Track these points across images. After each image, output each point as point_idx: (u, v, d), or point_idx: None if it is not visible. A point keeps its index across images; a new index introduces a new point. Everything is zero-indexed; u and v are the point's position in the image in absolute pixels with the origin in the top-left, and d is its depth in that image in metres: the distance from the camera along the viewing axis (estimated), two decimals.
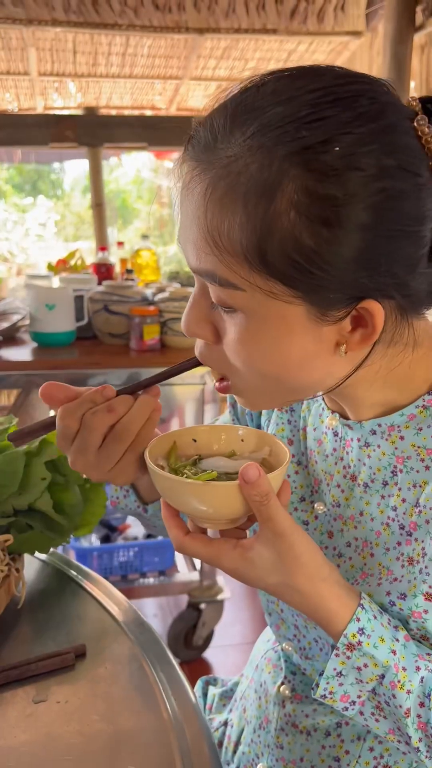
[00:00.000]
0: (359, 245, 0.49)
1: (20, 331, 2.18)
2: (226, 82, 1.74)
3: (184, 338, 2.01)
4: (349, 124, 0.48)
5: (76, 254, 2.73)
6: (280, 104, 0.49)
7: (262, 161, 0.48)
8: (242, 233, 0.49)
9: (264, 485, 0.54)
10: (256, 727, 0.78)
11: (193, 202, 0.51)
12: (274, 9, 2.83)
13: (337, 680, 0.57)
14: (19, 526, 0.85)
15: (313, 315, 0.52)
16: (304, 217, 0.47)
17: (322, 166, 0.47)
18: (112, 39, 2.93)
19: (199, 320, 0.57)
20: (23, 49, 2.97)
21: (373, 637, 0.56)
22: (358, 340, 0.54)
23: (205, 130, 0.52)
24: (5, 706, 0.67)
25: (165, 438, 0.64)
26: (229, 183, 0.49)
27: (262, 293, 0.51)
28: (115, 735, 0.63)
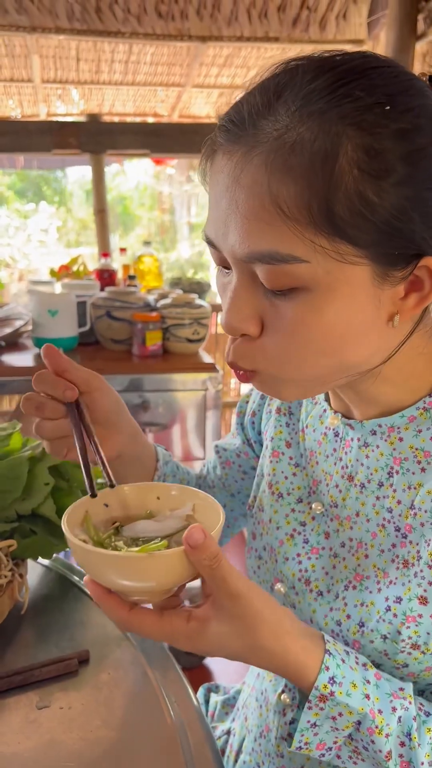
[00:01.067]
0: (414, 195, 0.50)
1: (23, 337, 2.19)
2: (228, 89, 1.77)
3: (187, 344, 2.02)
4: (390, 86, 0.50)
5: (79, 260, 2.74)
6: (320, 76, 0.50)
7: (317, 127, 0.49)
8: (310, 196, 0.49)
9: (212, 546, 0.52)
10: (257, 735, 0.78)
11: (247, 182, 0.51)
12: (276, 17, 2.84)
13: (312, 731, 0.56)
14: (23, 531, 0.85)
15: (376, 275, 0.52)
16: (366, 174, 0.49)
17: (376, 124, 0.48)
18: (115, 46, 2.95)
19: (245, 315, 0.55)
20: (27, 56, 2.98)
21: (345, 684, 0.55)
22: (412, 305, 0.54)
23: (239, 114, 0.52)
24: (9, 712, 0.67)
25: (77, 507, 0.59)
26: (288, 152, 0.49)
27: (327, 258, 0.50)
28: (118, 741, 0.63)
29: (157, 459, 0.81)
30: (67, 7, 2.69)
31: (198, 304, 2.04)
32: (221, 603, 0.53)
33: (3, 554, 0.80)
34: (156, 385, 1.93)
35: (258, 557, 0.76)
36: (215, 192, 0.55)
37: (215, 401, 1.98)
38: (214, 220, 0.55)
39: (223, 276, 0.59)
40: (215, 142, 0.55)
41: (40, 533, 0.85)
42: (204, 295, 2.66)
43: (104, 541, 0.58)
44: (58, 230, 8.96)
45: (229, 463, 0.88)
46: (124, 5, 2.72)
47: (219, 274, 0.60)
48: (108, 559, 0.52)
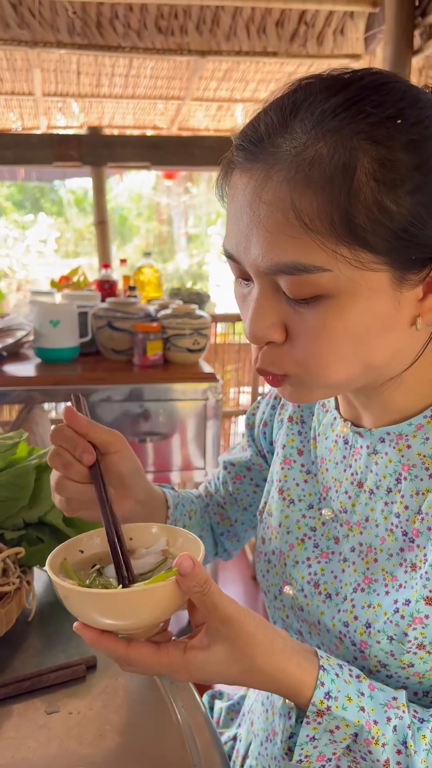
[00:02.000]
0: (429, 201, 0.52)
1: (24, 347, 2.20)
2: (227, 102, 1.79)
3: (187, 354, 2.04)
4: (399, 101, 0.53)
5: (79, 271, 2.76)
6: (333, 95, 0.53)
7: (334, 143, 0.51)
8: (332, 208, 0.51)
9: (202, 573, 0.53)
10: (263, 739, 0.78)
11: (269, 198, 0.53)
12: (275, 32, 2.89)
13: (311, 744, 0.57)
14: (30, 539, 0.86)
15: (395, 279, 0.54)
16: (382, 184, 0.51)
17: (389, 137, 0.51)
18: (116, 60, 2.98)
19: (269, 323, 0.57)
20: (28, 70, 3.02)
21: (340, 698, 0.56)
22: (430, 306, 0.57)
23: (256, 134, 0.55)
24: (18, 718, 0.68)
25: (55, 557, 0.60)
26: (309, 168, 0.51)
27: (348, 266, 0.53)
28: (126, 745, 0.64)
29: (167, 506, 0.82)
30: (68, 22, 2.73)
31: (198, 314, 2.06)
32: (215, 628, 0.55)
33: (11, 561, 0.81)
34: (156, 394, 1.95)
35: (267, 561, 0.77)
36: (235, 208, 0.57)
37: (215, 411, 1.99)
38: (234, 235, 0.57)
39: (242, 287, 0.61)
40: (232, 160, 0.57)
41: (47, 541, 0.86)
42: (203, 305, 2.68)
43: (90, 585, 0.58)
44: (56, 241, 9.00)
45: (240, 477, 0.89)
46: (125, 20, 2.76)
47: (237, 285, 0.62)
48: (102, 598, 0.53)
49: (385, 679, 0.63)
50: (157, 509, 0.81)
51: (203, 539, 0.89)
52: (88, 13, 2.71)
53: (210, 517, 0.92)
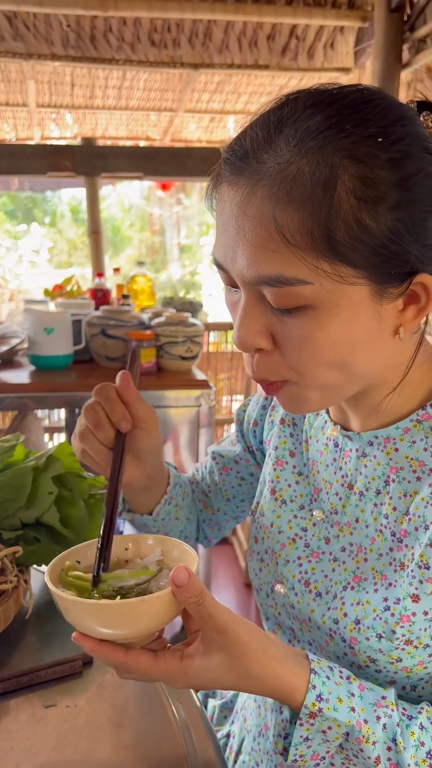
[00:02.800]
0: (408, 218, 0.55)
1: (18, 355, 2.22)
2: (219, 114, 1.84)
3: (180, 362, 2.06)
4: (382, 119, 0.55)
5: (72, 280, 2.78)
6: (317, 113, 0.55)
7: (316, 161, 0.53)
8: (312, 224, 0.53)
9: (197, 584, 0.55)
10: (256, 735, 0.80)
11: (253, 212, 0.55)
12: (266, 45, 2.93)
13: (305, 744, 0.59)
14: (27, 539, 0.88)
15: (375, 293, 0.56)
16: (362, 201, 0.53)
17: (366, 156, 0.53)
18: (109, 73, 3.02)
19: (256, 331, 0.59)
20: (22, 81, 3.05)
21: (332, 700, 0.58)
22: (411, 316, 0.59)
23: (242, 149, 0.57)
24: (17, 711, 0.69)
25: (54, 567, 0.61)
26: (291, 184, 0.53)
27: (329, 280, 0.55)
28: (123, 737, 0.66)
29: (168, 483, 0.85)
30: (63, 35, 2.77)
31: (191, 322, 2.08)
32: (210, 637, 0.56)
33: (8, 561, 0.83)
34: (150, 401, 1.95)
35: (260, 560, 0.79)
36: (222, 220, 0.59)
37: (209, 418, 2.01)
38: (222, 245, 0.59)
39: (231, 294, 0.63)
40: (220, 173, 0.60)
41: (44, 541, 0.88)
42: (196, 314, 2.71)
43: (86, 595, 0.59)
44: (49, 251, 9.02)
45: (227, 468, 0.91)
46: (119, 33, 2.80)
47: (228, 293, 0.64)
48: (100, 608, 0.54)
49: (374, 674, 0.65)
50: (159, 484, 0.84)
51: (190, 522, 0.91)
52: (82, 26, 2.75)
53: (195, 504, 0.94)
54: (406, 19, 2.52)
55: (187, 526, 0.90)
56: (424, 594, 0.62)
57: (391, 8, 2.49)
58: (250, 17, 2.68)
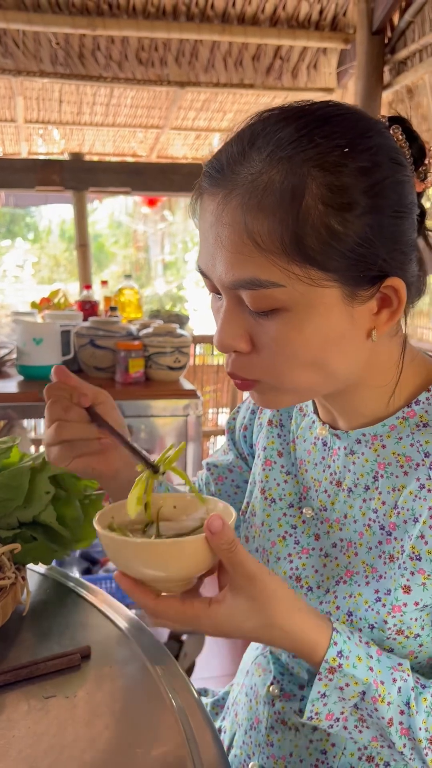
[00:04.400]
0: (375, 224, 0.58)
1: (6, 365, 2.23)
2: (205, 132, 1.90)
3: (168, 372, 2.08)
4: (350, 130, 0.58)
5: (59, 293, 2.80)
6: (288, 125, 0.58)
7: (285, 170, 0.57)
8: (282, 230, 0.56)
9: (229, 533, 0.58)
10: (247, 728, 0.82)
11: (224, 222, 0.59)
12: (251, 65, 3.01)
13: (322, 701, 0.61)
14: (24, 538, 0.89)
15: (346, 295, 0.59)
16: (330, 208, 0.56)
17: (334, 165, 0.57)
18: (97, 90, 3.08)
19: (235, 333, 0.63)
20: (11, 97, 3.09)
21: (351, 657, 0.60)
22: (385, 319, 0.62)
23: (219, 162, 0.61)
24: (17, 702, 0.70)
25: (104, 514, 0.65)
26: (261, 193, 0.57)
27: (301, 283, 0.58)
28: (123, 724, 0.67)
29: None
30: (51, 52, 2.82)
31: (179, 333, 2.11)
32: (239, 585, 0.59)
33: (6, 558, 0.84)
34: (138, 410, 1.99)
35: None
36: (203, 229, 0.63)
37: (196, 427, 2.03)
38: (204, 253, 0.63)
39: (216, 301, 0.67)
40: (201, 186, 0.63)
41: (41, 540, 0.89)
42: (183, 326, 2.74)
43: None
44: (33, 266, 9.03)
45: (222, 478, 0.94)
46: (106, 51, 2.85)
47: (213, 300, 0.68)
48: (137, 547, 0.58)
49: None
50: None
51: None
52: (70, 44, 2.80)
53: None
54: (387, 42, 2.60)
55: None
56: (415, 585, 0.64)
57: (372, 31, 2.57)
58: (235, 38, 2.75)
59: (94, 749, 0.64)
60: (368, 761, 0.70)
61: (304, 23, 2.75)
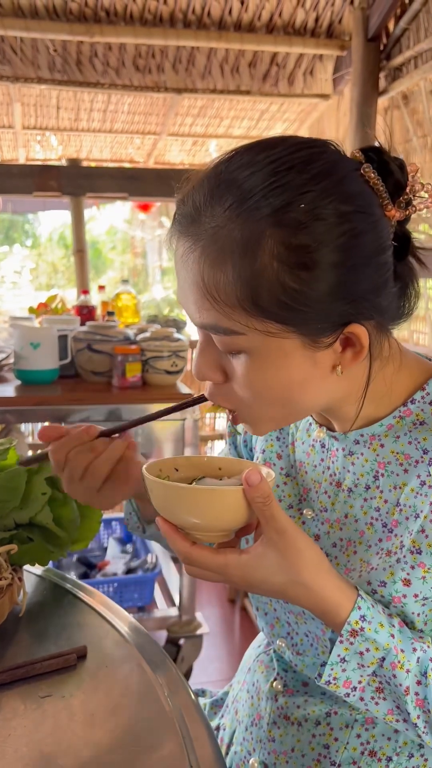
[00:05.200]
0: (334, 280, 0.58)
1: (3, 370, 2.23)
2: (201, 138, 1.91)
3: (165, 376, 2.09)
4: (307, 184, 0.57)
5: (56, 298, 2.81)
6: (249, 177, 0.58)
7: (243, 226, 0.57)
8: (236, 287, 0.58)
9: (265, 487, 0.60)
10: (248, 724, 0.82)
11: (189, 269, 0.60)
12: (248, 72, 3.02)
13: (341, 666, 0.62)
14: (21, 539, 0.89)
15: (307, 344, 0.60)
16: (284, 265, 0.57)
17: (292, 222, 0.56)
18: (95, 96, 3.09)
19: (209, 366, 0.65)
20: (9, 104, 3.10)
21: (374, 623, 0.62)
22: (350, 358, 0.63)
23: (187, 207, 0.61)
24: (14, 701, 0.70)
25: (152, 466, 0.69)
26: (219, 248, 0.58)
27: (260, 334, 0.59)
28: (118, 723, 0.67)
29: None
30: (49, 59, 2.83)
31: (176, 337, 2.12)
32: (270, 538, 0.61)
33: (2, 559, 0.84)
34: (135, 415, 1.98)
35: None
36: (176, 268, 0.64)
37: (194, 431, 2.03)
38: (179, 290, 0.65)
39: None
40: (173, 228, 0.64)
41: (37, 541, 0.90)
42: (180, 331, 2.74)
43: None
44: (30, 272, 9.05)
45: None
46: (104, 58, 2.87)
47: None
48: (177, 491, 0.61)
49: None
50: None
51: None
52: (68, 51, 2.82)
53: None
54: (383, 49, 2.62)
55: None
56: (416, 578, 0.65)
57: (368, 38, 2.59)
58: (232, 44, 2.76)
59: (90, 748, 0.64)
60: (371, 755, 0.71)
61: (300, 30, 2.76)
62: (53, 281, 9.21)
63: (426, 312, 2.54)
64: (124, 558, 2.39)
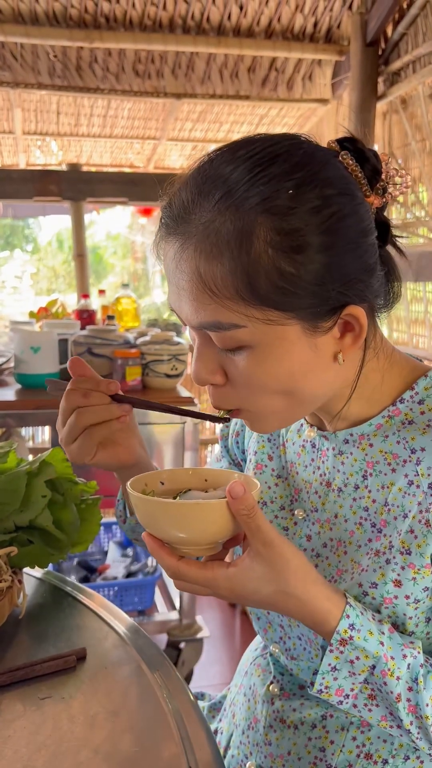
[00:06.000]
0: (327, 261, 0.59)
1: (4, 374, 2.24)
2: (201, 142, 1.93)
3: (165, 379, 2.09)
4: (289, 172, 0.59)
5: (57, 303, 2.82)
6: (232, 172, 0.59)
7: (234, 218, 0.58)
8: (234, 277, 0.58)
9: (250, 499, 0.60)
10: (245, 728, 0.82)
11: (185, 268, 0.61)
12: (247, 77, 3.03)
13: (332, 675, 0.62)
14: (21, 542, 0.90)
15: (307, 329, 0.61)
16: (279, 251, 0.58)
17: (280, 208, 0.58)
18: (95, 101, 3.10)
19: (209, 369, 0.65)
20: (9, 109, 3.11)
21: (363, 631, 0.62)
22: (349, 343, 0.64)
23: (174, 208, 0.62)
24: (13, 703, 0.71)
25: (137, 480, 0.68)
26: (212, 241, 0.58)
27: (260, 323, 0.60)
28: (118, 723, 0.68)
29: None
30: (49, 65, 2.84)
31: (176, 341, 2.12)
32: (257, 549, 0.61)
33: (2, 561, 0.85)
34: (136, 418, 1.99)
35: None
36: (167, 273, 0.65)
37: (193, 435, 2.04)
38: (171, 294, 0.65)
39: (192, 333, 0.69)
40: (160, 233, 0.65)
41: (37, 543, 0.90)
42: (180, 335, 2.75)
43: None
44: (31, 277, 9.07)
45: None
46: (104, 64, 2.88)
47: (189, 331, 0.70)
48: (162, 506, 0.61)
49: None
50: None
51: None
52: (68, 57, 2.83)
53: None
54: (381, 53, 2.63)
55: None
56: (406, 579, 0.65)
57: (366, 43, 2.60)
58: (231, 50, 2.77)
59: (89, 749, 0.64)
60: (366, 758, 0.71)
61: (298, 35, 2.78)
62: (54, 286, 9.23)
63: (426, 315, 2.55)
64: (124, 562, 2.39)
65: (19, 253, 9.16)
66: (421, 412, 0.69)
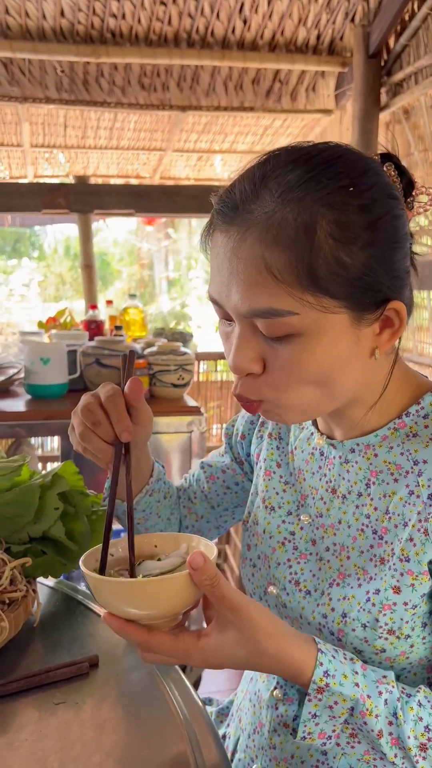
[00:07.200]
0: (378, 255, 0.64)
1: (15, 384, 2.28)
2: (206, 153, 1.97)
3: (172, 389, 2.13)
4: (348, 172, 0.64)
5: (65, 312, 2.86)
6: (296, 168, 0.64)
7: (297, 209, 0.62)
8: (297, 263, 0.62)
9: (211, 568, 0.61)
10: (250, 732, 0.85)
11: (245, 254, 0.64)
12: (251, 89, 3.07)
13: (313, 721, 0.64)
14: (35, 552, 0.93)
15: (353, 320, 0.65)
16: (338, 242, 0.62)
17: (343, 202, 0.63)
18: (101, 114, 3.14)
19: (249, 357, 0.68)
20: (17, 123, 3.16)
21: (337, 676, 0.64)
22: (386, 339, 0.68)
23: (232, 200, 0.66)
24: (29, 708, 0.74)
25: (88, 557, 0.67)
26: (277, 230, 0.62)
27: (314, 310, 0.63)
28: (130, 728, 0.71)
29: (151, 475, 0.90)
30: (57, 79, 2.89)
31: (183, 351, 2.16)
32: (224, 617, 0.62)
33: (18, 572, 0.88)
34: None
35: (252, 565, 0.85)
36: (217, 262, 0.68)
37: (200, 443, 2.07)
38: (217, 284, 0.68)
39: (225, 326, 0.72)
40: (213, 222, 0.69)
41: (50, 554, 0.93)
42: (187, 344, 2.79)
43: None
44: (39, 285, 9.13)
45: (214, 477, 0.98)
46: (110, 78, 2.93)
47: (221, 325, 0.73)
48: (126, 586, 0.61)
49: None
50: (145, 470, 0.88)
51: (170, 523, 0.96)
52: (75, 72, 2.88)
53: (180, 509, 1.00)
54: (383, 65, 2.67)
55: (167, 526, 0.95)
56: (405, 586, 0.68)
57: (369, 54, 2.64)
58: (235, 62, 2.81)
59: (101, 752, 0.67)
60: (367, 762, 0.74)
61: (302, 48, 2.81)
62: (61, 293, 9.30)
63: (429, 323, 2.57)
64: None
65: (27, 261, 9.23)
66: (426, 426, 0.72)
